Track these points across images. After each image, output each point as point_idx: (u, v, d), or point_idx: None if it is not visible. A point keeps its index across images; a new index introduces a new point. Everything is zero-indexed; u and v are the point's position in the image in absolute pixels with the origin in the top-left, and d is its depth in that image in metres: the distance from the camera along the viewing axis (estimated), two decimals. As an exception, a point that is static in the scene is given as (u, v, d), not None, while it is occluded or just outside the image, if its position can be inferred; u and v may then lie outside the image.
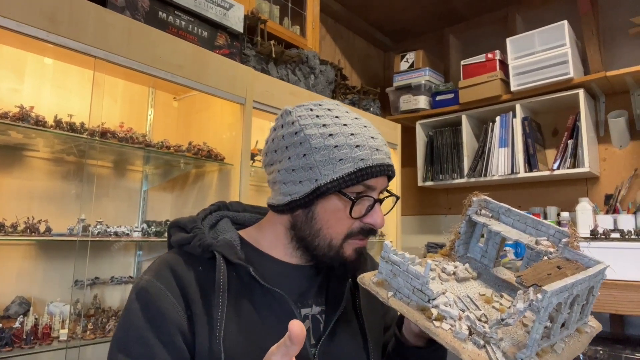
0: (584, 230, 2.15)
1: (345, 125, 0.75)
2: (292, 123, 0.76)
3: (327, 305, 0.80)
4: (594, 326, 0.68)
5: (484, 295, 0.70)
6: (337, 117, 0.76)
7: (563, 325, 0.62)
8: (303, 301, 0.78)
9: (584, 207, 2.23)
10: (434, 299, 0.62)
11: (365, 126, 0.77)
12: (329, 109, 0.77)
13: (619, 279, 1.81)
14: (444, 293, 0.64)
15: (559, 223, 2.37)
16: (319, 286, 0.82)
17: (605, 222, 2.11)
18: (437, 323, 0.60)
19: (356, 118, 0.78)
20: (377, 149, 0.75)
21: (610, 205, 2.26)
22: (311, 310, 0.78)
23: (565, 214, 2.36)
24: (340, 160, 0.72)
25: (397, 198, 0.84)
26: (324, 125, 0.74)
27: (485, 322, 0.61)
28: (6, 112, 1.21)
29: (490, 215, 0.80)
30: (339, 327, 0.78)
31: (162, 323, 0.67)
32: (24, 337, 1.21)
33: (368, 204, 0.76)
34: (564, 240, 0.68)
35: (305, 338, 0.73)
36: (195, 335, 0.68)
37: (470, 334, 0.59)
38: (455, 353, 0.57)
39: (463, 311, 0.62)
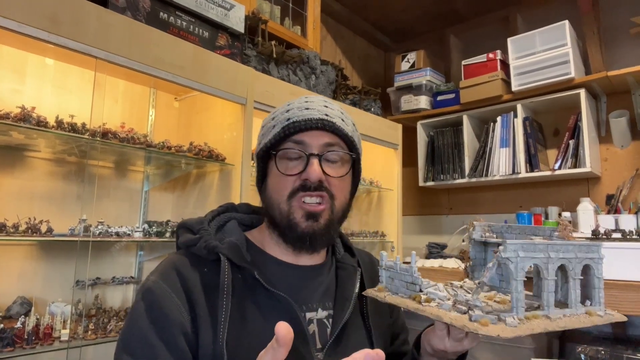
0: (585, 230, 2.15)
1: (288, 103, 0.81)
2: None
3: (335, 310, 0.79)
4: (612, 314, 0.67)
5: (487, 295, 0.70)
6: (288, 102, 0.81)
7: (566, 305, 0.62)
8: (307, 304, 0.78)
9: (586, 207, 2.23)
10: (423, 289, 0.64)
11: (306, 97, 0.81)
12: (289, 101, 0.83)
13: (620, 279, 1.80)
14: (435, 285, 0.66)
15: (559, 223, 2.36)
16: (325, 290, 0.82)
17: (607, 222, 2.11)
18: (425, 304, 0.62)
19: (305, 97, 0.82)
20: (306, 108, 0.77)
21: (611, 205, 2.25)
22: (316, 314, 0.78)
23: (566, 214, 2.36)
24: (274, 127, 0.78)
25: (354, 157, 0.81)
26: (275, 112, 0.82)
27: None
28: (8, 112, 1.21)
29: (495, 236, 0.81)
30: (346, 332, 0.78)
31: (166, 324, 0.67)
32: (26, 337, 1.21)
33: (305, 161, 0.76)
34: (555, 233, 0.70)
35: (311, 342, 0.73)
36: (199, 336, 0.68)
37: (455, 305, 0.60)
38: (439, 320, 0.59)
39: (454, 296, 0.63)
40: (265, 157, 0.79)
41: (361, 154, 0.84)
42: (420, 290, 0.64)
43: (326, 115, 0.76)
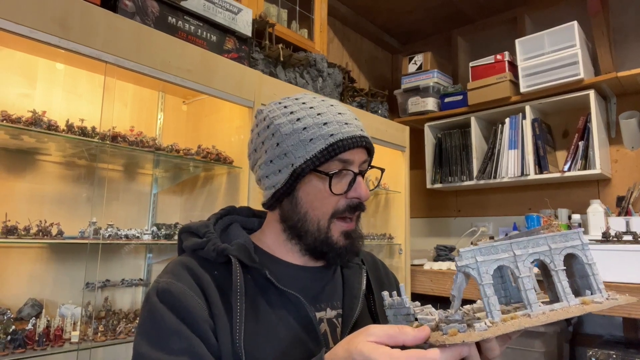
0: (595, 232, 2.12)
1: (311, 107, 0.77)
2: (264, 119, 0.79)
3: (344, 309, 0.80)
4: (616, 298, 0.62)
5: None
6: (304, 103, 0.78)
7: (555, 299, 0.60)
8: (316, 304, 0.78)
9: (596, 209, 2.21)
10: (417, 316, 0.62)
11: (332, 105, 0.79)
12: (296, 99, 0.80)
13: (632, 282, 1.78)
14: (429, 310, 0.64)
15: (569, 225, 2.35)
16: (332, 290, 0.82)
17: (617, 224, 2.08)
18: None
19: (323, 100, 0.80)
20: (345, 123, 0.76)
21: (622, 207, 2.23)
22: (325, 313, 0.78)
23: (576, 216, 2.33)
24: (311, 140, 0.74)
25: (382, 170, 0.85)
26: (291, 112, 0.77)
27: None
28: (19, 117, 1.23)
29: None
30: (357, 330, 0.78)
31: (194, 320, 0.66)
32: (37, 339, 1.23)
33: (349, 179, 0.76)
34: (542, 232, 0.68)
35: (323, 342, 0.73)
36: (217, 336, 0.68)
37: (438, 324, 0.58)
38: (422, 345, 0.57)
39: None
40: (304, 171, 0.74)
41: None
42: (416, 319, 0.63)
43: (361, 130, 0.77)
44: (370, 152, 0.80)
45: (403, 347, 0.57)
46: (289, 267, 0.79)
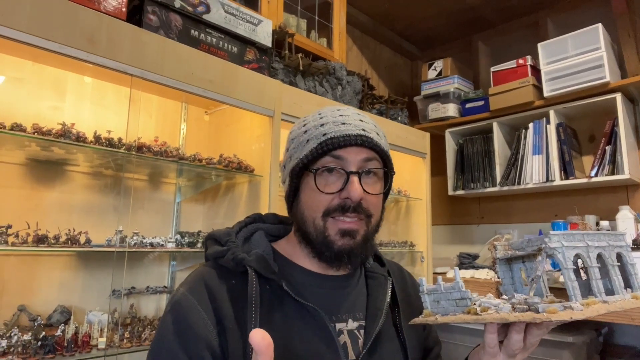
0: (625, 239, 2.06)
1: (319, 113, 0.79)
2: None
3: (367, 321, 0.78)
4: None
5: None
6: (319, 112, 0.80)
7: (611, 291, 0.63)
8: (337, 315, 0.77)
9: (625, 216, 2.14)
10: (476, 300, 0.63)
11: (338, 109, 0.79)
12: (319, 112, 0.81)
13: (666, 291, 1.71)
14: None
15: (598, 232, 2.28)
16: (354, 300, 0.81)
17: (649, 231, 2.02)
18: (483, 313, 0.61)
19: (337, 109, 0.79)
20: (342, 123, 0.75)
21: (653, 213, 2.15)
22: (346, 325, 0.77)
23: (604, 223, 2.26)
24: (308, 140, 0.75)
25: (391, 173, 0.80)
26: (304, 121, 0.80)
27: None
28: (49, 129, 1.27)
29: (517, 253, 0.80)
30: (379, 343, 0.77)
31: (191, 338, 0.68)
32: (65, 345, 1.26)
33: (344, 179, 0.74)
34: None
35: (342, 354, 0.72)
36: (227, 350, 0.68)
37: (514, 307, 0.60)
38: (505, 321, 0.58)
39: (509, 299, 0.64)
40: (300, 172, 0.76)
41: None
42: (473, 304, 0.63)
43: (363, 130, 0.75)
44: (378, 152, 0.77)
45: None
46: (309, 275, 0.79)
